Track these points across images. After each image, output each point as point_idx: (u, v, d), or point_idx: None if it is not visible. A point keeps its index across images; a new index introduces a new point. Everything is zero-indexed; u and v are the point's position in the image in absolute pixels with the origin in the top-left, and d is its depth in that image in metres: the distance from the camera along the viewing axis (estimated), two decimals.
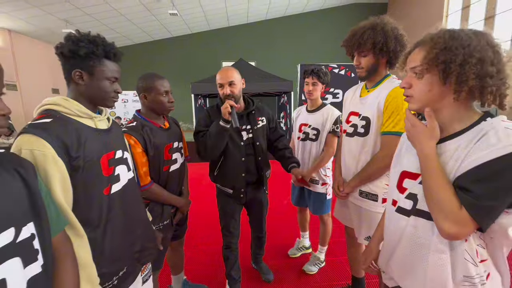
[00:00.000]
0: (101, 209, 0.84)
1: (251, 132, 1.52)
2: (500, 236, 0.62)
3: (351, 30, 1.20)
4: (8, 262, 0.49)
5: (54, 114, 0.79)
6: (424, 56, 0.66)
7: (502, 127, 0.59)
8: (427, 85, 0.67)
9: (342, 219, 1.52)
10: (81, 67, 0.83)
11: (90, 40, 0.82)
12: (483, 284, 0.64)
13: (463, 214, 0.59)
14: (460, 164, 0.62)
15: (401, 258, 0.77)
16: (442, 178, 0.63)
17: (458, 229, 0.60)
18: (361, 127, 1.26)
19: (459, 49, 0.61)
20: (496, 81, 0.61)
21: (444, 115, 0.69)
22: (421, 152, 0.69)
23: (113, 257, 0.88)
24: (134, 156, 1.17)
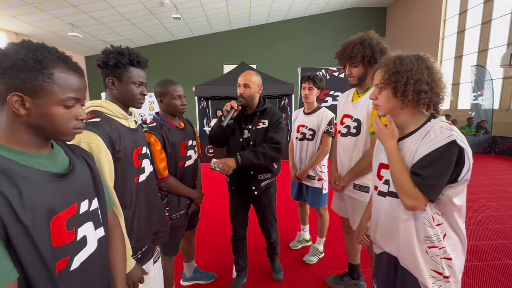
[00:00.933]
0: (131, 194, 1.02)
1: (250, 132, 1.64)
2: (449, 204, 0.85)
3: (342, 44, 1.38)
4: (87, 224, 0.66)
5: (100, 115, 0.96)
6: (382, 77, 0.90)
7: (438, 127, 0.83)
8: (386, 97, 0.91)
9: (338, 211, 1.69)
10: (113, 75, 1.01)
11: (119, 51, 0.99)
12: (439, 241, 0.86)
13: (416, 192, 0.83)
14: (413, 155, 0.85)
15: (383, 229, 1.00)
16: (401, 167, 0.86)
17: (414, 203, 0.84)
18: (353, 128, 1.44)
19: (404, 73, 0.85)
20: (429, 95, 0.85)
21: (402, 119, 0.92)
22: (386, 149, 0.91)
23: (139, 235, 1.05)
24: (153, 153, 1.34)
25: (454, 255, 0.87)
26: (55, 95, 0.57)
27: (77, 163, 0.69)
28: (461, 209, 0.87)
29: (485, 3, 8.38)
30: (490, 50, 8.31)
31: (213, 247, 2.45)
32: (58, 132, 0.61)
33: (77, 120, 0.63)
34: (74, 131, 0.64)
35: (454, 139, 0.78)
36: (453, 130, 0.81)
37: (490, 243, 2.44)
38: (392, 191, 0.93)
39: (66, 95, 0.59)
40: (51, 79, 0.57)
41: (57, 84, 0.57)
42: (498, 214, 3.10)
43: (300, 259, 2.21)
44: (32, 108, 0.56)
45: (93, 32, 9.93)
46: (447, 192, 0.83)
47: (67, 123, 0.61)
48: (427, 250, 0.87)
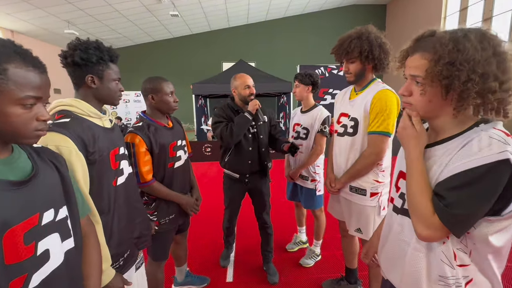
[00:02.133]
0: (109, 198, 0.96)
1: (255, 127, 1.79)
2: (482, 242, 0.61)
3: (339, 39, 1.31)
4: (51, 236, 0.60)
5: (69, 114, 0.89)
6: (427, 69, 0.63)
7: (486, 136, 0.58)
8: (428, 96, 0.65)
9: (334, 214, 1.63)
10: (93, 72, 0.93)
11: (96, 47, 0.92)
12: (459, 286, 0.64)
13: (435, 220, 0.61)
14: (442, 170, 0.63)
15: (388, 252, 0.81)
16: (422, 183, 0.65)
17: (429, 233, 0.62)
18: (350, 127, 1.37)
19: (463, 64, 0.58)
20: (498, 95, 0.58)
21: (440, 121, 0.68)
22: (407, 155, 0.70)
23: (119, 241, 0.99)
24: (138, 154, 1.27)
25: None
26: (10, 94, 0.52)
27: (42, 168, 0.63)
28: (500, 251, 0.62)
29: None
30: None
31: (206, 250, 2.39)
32: (17, 134, 0.55)
33: (38, 121, 0.57)
34: (36, 133, 0.58)
35: (508, 157, 0.54)
36: (510, 145, 0.56)
37: None
38: (406, 208, 0.72)
39: (24, 93, 0.53)
40: (5, 75, 0.51)
41: (12, 81, 0.52)
42: None
43: (297, 261, 2.16)
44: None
45: (90, 30, 9.82)
46: (481, 227, 0.60)
47: (26, 124, 0.55)
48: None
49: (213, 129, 1.79)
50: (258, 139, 1.81)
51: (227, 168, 1.88)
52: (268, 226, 1.96)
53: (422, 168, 0.66)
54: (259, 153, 1.82)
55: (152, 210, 1.39)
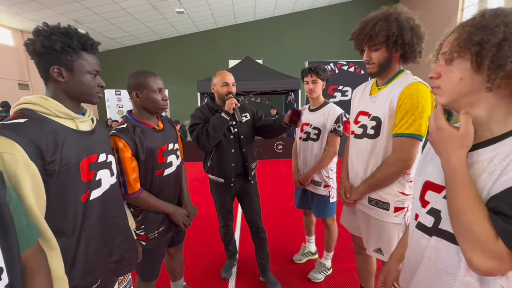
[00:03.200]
0: (76, 217, 0.78)
1: (236, 127, 1.66)
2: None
3: (361, 22, 1.07)
4: None
5: (29, 114, 0.72)
6: (456, 38, 0.54)
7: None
8: (458, 72, 0.54)
9: (349, 227, 1.41)
10: (59, 63, 0.76)
11: (63, 32, 0.75)
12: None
13: (499, 246, 0.47)
14: (496, 179, 0.50)
15: (422, 283, 0.65)
16: (472, 198, 0.51)
17: (492, 264, 0.48)
18: (371, 128, 1.14)
19: (499, 26, 0.49)
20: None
21: (479, 113, 0.55)
22: (446, 163, 0.56)
23: (87, 269, 0.81)
24: (123, 161, 1.10)
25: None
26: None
27: None
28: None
29: None
30: None
31: (205, 260, 2.21)
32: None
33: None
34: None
35: None
36: None
37: None
38: (445, 230, 0.59)
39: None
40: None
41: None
42: None
43: (305, 275, 1.95)
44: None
45: (98, 29, 9.85)
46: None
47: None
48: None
49: (190, 132, 1.63)
50: (239, 140, 1.68)
51: (211, 173, 1.77)
52: (261, 231, 1.81)
53: (469, 180, 0.53)
54: (241, 153, 1.70)
55: (139, 223, 1.21)
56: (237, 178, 1.74)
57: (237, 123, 1.65)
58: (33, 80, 9.36)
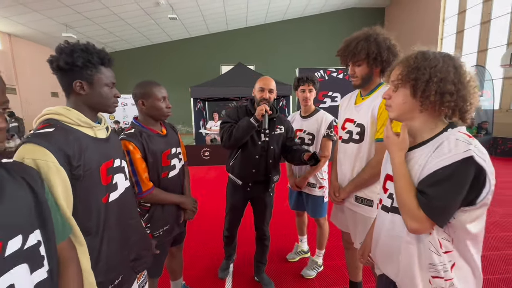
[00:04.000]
0: (99, 217, 0.86)
1: (268, 136, 1.67)
2: (461, 230, 0.72)
3: (345, 41, 1.23)
4: (16, 268, 0.51)
5: (55, 124, 0.80)
6: (400, 73, 0.77)
7: (453, 139, 0.70)
8: (402, 97, 0.78)
9: (338, 224, 1.54)
10: (80, 78, 0.85)
11: (83, 49, 0.83)
12: (446, 271, 0.73)
13: (421, 213, 0.71)
14: (422, 169, 0.73)
15: (383, 248, 0.88)
16: (406, 183, 0.75)
17: (417, 225, 0.71)
18: (356, 134, 1.29)
19: (426, 69, 0.72)
20: (454, 98, 0.72)
21: (415, 124, 0.79)
22: (392, 160, 0.80)
23: (109, 266, 0.89)
24: (134, 162, 1.19)
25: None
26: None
27: (10, 189, 0.54)
28: (476, 238, 0.73)
29: (484, 2, 8.29)
30: (490, 50, 8.22)
31: (203, 261, 2.29)
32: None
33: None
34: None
35: (472, 155, 0.65)
36: (472, 144, 0.68)
37: (499, 253, 2.30)
38: (395, 206, 0.81)
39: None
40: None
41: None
42: (503, 221, 2.97)
43: (298, 272, 2.06)
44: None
45: (88, 33, 9.78)
46: (460, 217, 0.71)
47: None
48: (431, 280, 0.75)
49: (219, 129, 1.70)
50: (267, 149, 1.68)
51: (231, 172, 1.79)
52: (266, 238, 1.88)
53: (405, 171, 0.77)
54: (266, 163, 1.70)
55: (145, 222, 1.29)
56: (256, 185, 1.73)
57: (269, 133, 1.65)
58: (21, 84, 9.16)
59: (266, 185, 1.76)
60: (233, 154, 1.74)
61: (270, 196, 1.81)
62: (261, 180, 1.73)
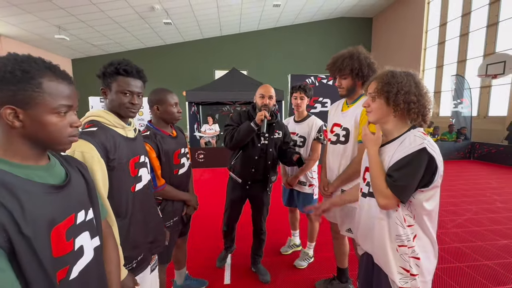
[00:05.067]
0: (127, 203, 1.03)
1: (267, 139, 1.85)
2: (420, 208, 0.93)
3: (333, 57, 1.46)
4: (83, 234, 0.68)
5: (97, 124, 0.98)
6: (376, 87, 1.01)
7: (413, 135, 0.93)
8: (378, 105, 1.00)
9: (327, 216, 1.74)
10: (104, 85, 1.04)
11: (111, 63, 1.02)
12: (409, 240, 0.94)
13: (388, 192, 0.92)
14: (390, 159, 0.96)
15: (363, 228, 1.09)
16: (379, 169, 0.97)
17: (386, 201, 0.93)
18: (342, 136, 1.51)
19: (395, 84, 0.96)
20: (417, 106, 0.95)
21: (388, 127, 1.02)
22: (368, 153, 1.03)
23: (135, 244, 1.06)
24: (151, 160, 1.36)
25: (423, 256, 0.94)
26: (46, 104, 0.58)
27: (73, 174, 0.71)
28: (431, 213, 0.94)
29: (463, 16, 8.89)
30: (468, 61, 8.79)
31: (204, 253, 2.45)
32: (54, 141, 0.61)
33: (72, 128, 0.64)
34: (70, 139, 0.64)
35: (425, 146, 0.88)
36: (425, 139, 0.90)
37: (469, 245, 2.57)
38: (371, 191, 1.01)
39: (57, 103, 0.59)
40: (41, 88, 0.57)
41: (47, 93, 0.58)
42: (477, 217, 3.26)
43: (291, 263, 2.25)
44: (26, 119, 0.56)
45: (81, 35, 9.75)
46: (418, 196, 0.92)
47: (62, 131, 0.61)
48: (397, 248, 0.95)
49: (224, 130, 1.89)
50: (266, 151, 1.85)
51: (232, 171, 1.95)
52: (262, 233, 2.05)
53: (378, 160, 0.98)
54: (265, 164, 1.87)
55: None
56: (254, 184, 1.90)
57: (268, 137, 1.83)
58: None
59: (264, 184, 1.93)
60: (234, 154, 1.91)
61: (267, 194, 1.99)
62: (260, 179, 1.90)
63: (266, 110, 1.74)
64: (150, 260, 1.20)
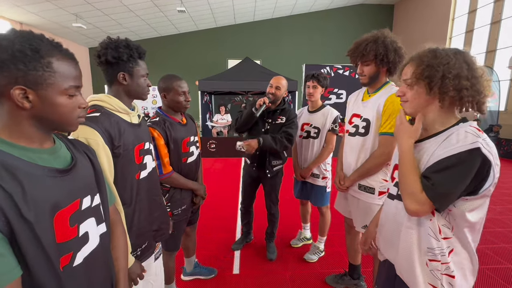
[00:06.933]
0: (132, 191, 1.00)
1: (269, 125, 1.97)
2: (461, 219, 0.76)
3: (355, 42, 1.34)
4: (89, 220, 0.65)
5: (100, 109, 0.94)
6: (413, 71, 0.81)
7: (463, 131, 0.74)
8: (416, 94, 0.82)
9: (342, 211, 1.67)
10: (124, 70, 0.98)
11: (125, 45, 0.96)
12: (443, 255, 0.78)
13: (423, 196, 0.75)
14: (429, 158, 0.78)
15: (386, 234, 0.94)
16: (412, 167, 0.79)
17: (417, 207, 0.76)
18: (362, 128, 1.41)
19: (440, 66, 0.76)
20: (471, 92, 0.75)
21: (428, 118, 0.83)
22: (400, 147, 0.85)
23: (139, 232, 1.04)
24: (158, 147, 1.33)
25: (459, 275, 0.78)
26: (58, 85, 0.56)
27: (79, 158, 0.68)
28: (474, 226, 0.76)
29: (495, 2, 8.20)
30: (499, 51, 8.17)
31: (214, 242, 2.45)
32: (63, 122, 0.60)
33: (80, 109, 0.62)
34: (79, 120, 0.63)
35: (479, 146, 0.69)
36: (480, 137, 0.71)
37: (492, 247, 2.42)
38: (400, 194, 0.85)
39: (68, 83, 0.57)
40: (51, 68, 0.55)
41: (58, 73, 0.56)
42: (501, 218, 3.07)
43: (301, 257, 2.21)
44: (36, 100, 0.54)
45: (97, 24, 9.87)
46: (460, 205, 0.74)
47: (72, 112, 0.60)
48: (428, 262, 0.80)
49: None
50: None
51: (243, 154, 2.09)
52: (273, 215, 2.18)
53: (412, 157, 0.80)
54: None
55: (166, 200, 1.44)
56: (259, 167, 2.03)
57: (271, 122, 1.96)
58: None
59: (264, 166, 2.02)
60: (244, 138, 2.06)
61: (271, 178, 2.05)
62: (263, 163, 2.01)
63: (269, 98, 1.88)
64: (155, 248, 1.18)
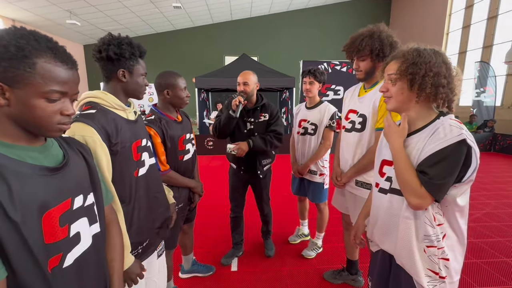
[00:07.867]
0: (131, 188, 0.99)
1: (252, 124, 1.87)
2: (452, 204, 0.83)
3: (351, 37, 1.33)
4: (81, 220, 0.64)
5: (95, 106, 0.92)
6: (398, 68, 0.86)
7: (448, 125, 0.80)
8: (400, 90, 0.87)
9: (339, 207, 1.67)
10: (124, 67, 0.97)
11: (128, 43, 0.95)
12: (439, 241, 0.85)
13: (423, 191, 0.80)
14: (420, 153, 0.83)
15: (381, 227, 0.97)
16: (407, 165, 0.84)
17: (420, 201, 0.81)
18: (358, 124, 1.40)
19: (422, 64, 0.82)
20: (446, 90, 0.82)
21: (411, 114, 0.89)
22: (392, 147, 0.89)
23: (139, 230, 1.03)
24: (155, 145, 1.31)
25: (451, 256, 0.86)
26: (36, 87, 0.53)
27: (72, 157, 0.66)
28: (463, 209, 0.85)
29: None
30: (495, 46, 8.19)
31: (212, 240, 2.45)
32: (39, 126, 0.56)
33: (62, 115, 0.58)
34: (59, 126, 0.59)
35: (464, 138, 0.76)
36: (463, 129, 0.78)
37: (488, 241, 2.45)
38: (394, 188, 0.90)
39: (49, 87, 0.54)
40: (33, 69, 0.52)
41: (40, 75, 0.53)
42: (496, 212, 3.11)
43: (299, 253, 2.22)
44: (12, 98, 0.52)
45: (92, 20, 9.74)
46: (451, 192, 0.81)
47: (50, 117, 0.56)
48: (425, 249, 0.86)
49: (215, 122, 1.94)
50: (253, 135, 1.87)
51: (228, 159, 2.01)
52: (266, 215, 2.14)
53: (405, 155, 0.86)
54: None
55: None
56: (247, 169, 1.94)
57: (253, 121, 1.86)
58: None
59: (256, 168, 1.94)
60: (227, 142, 1.95)
61: (263, 178, 1.98)
62: (252, 164, 1.92)
63: (242, 96, 1.77)
64: (157, 246, 1.18)
